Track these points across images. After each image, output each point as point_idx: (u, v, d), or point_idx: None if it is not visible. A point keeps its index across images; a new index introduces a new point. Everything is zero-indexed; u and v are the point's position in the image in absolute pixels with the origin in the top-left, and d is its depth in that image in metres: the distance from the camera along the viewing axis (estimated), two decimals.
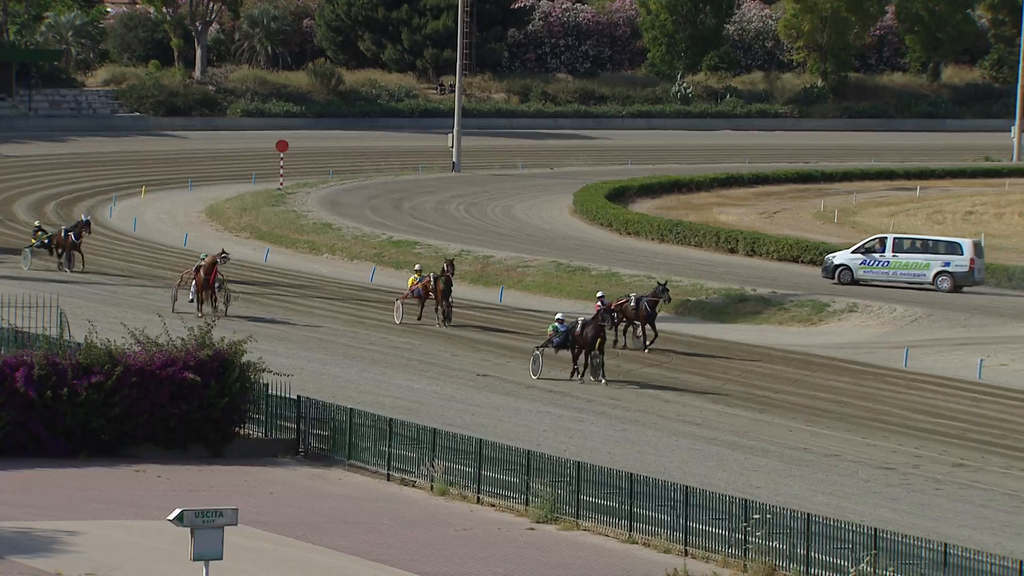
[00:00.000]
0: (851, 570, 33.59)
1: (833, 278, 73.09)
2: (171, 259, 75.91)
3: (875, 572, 33.14)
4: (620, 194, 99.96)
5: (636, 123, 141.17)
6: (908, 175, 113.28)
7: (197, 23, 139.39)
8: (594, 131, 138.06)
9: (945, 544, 32.85)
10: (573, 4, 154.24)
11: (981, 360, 56.87)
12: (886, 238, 73.90)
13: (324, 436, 43.93)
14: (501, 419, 48.06)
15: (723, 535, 35.68)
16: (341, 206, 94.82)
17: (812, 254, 78.67)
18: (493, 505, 39.79)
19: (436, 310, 61.59)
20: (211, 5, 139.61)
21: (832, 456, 45.36)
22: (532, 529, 38.14)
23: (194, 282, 60.66)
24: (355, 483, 42.10)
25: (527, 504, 39.09)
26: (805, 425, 48.94)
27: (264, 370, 44.41)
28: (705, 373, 55.98)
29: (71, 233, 69.27)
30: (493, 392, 52.16)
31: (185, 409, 42.58)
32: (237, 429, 43.96)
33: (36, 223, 74.26)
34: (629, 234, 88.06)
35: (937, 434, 48.22)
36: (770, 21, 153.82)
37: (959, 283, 72.13)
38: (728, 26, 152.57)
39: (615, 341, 57.18)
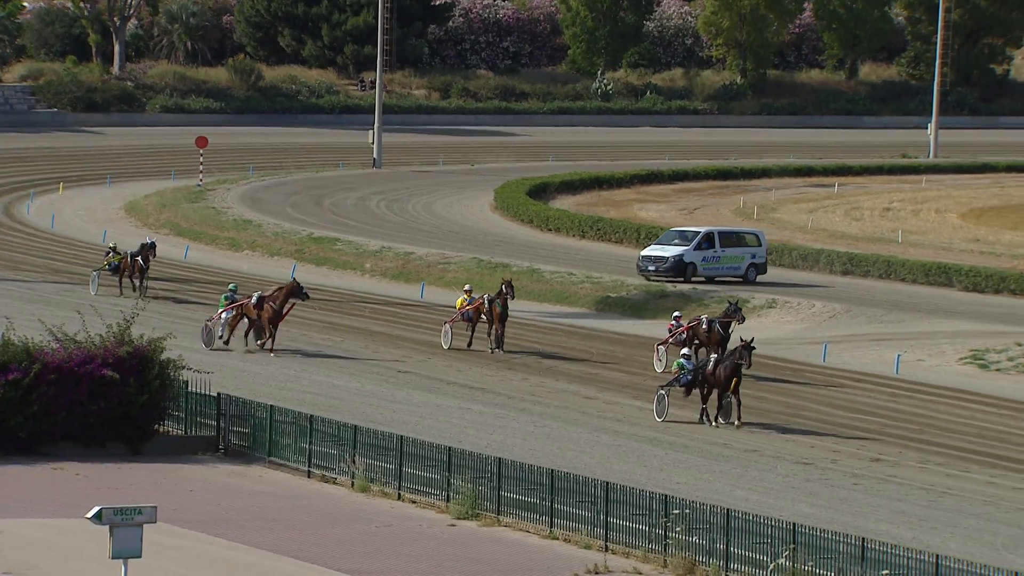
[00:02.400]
0: (770, 564, 33.75)
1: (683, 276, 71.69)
2: (89, 255, 75.47)
3: (794, 567, 33.31)
4: (541, 190, 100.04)
5: (557, 119, 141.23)
6: (826, 172, 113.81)
7: (115, 18, 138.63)
8: (515, 127, 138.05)
9: (863, 539, 33.05)
10: (493, 1, 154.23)
11: (898, 355, 57.22)
12: (713, 233, 73.46)
13: (244, 433, 43.84)
14: (422, 416, 48.05)
15: (644, 531, 35.78)
16: (261, 202, 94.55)
17: None
18: (414, 502, 39.78)
19: (488, 335, 57.01)
20: (129, 0, 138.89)
21: (751, 452, 45.56)
22: (453, 526, 38.14)
23: (241, 314, 55.89)
24: (275, 480, 42.02)
25: (448, 501, 39.11)
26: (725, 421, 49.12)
27: (184, 367, 44.28)
28: (625, 369, 56.10)
29: (137, 258, 65.45)
30: (414, 389, 52.14)
31: (104, 407, 42.39)
32: (156, 426, 43.81)
33: (111, 243, 69.21)
34: (550, 230, 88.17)
35: (855, 429, 48.51)
36: (690, 18, 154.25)
37: (760, 273, 72.36)
38: (648, 23, 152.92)
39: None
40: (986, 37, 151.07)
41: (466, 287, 59.58)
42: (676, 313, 56.74)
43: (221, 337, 55.84)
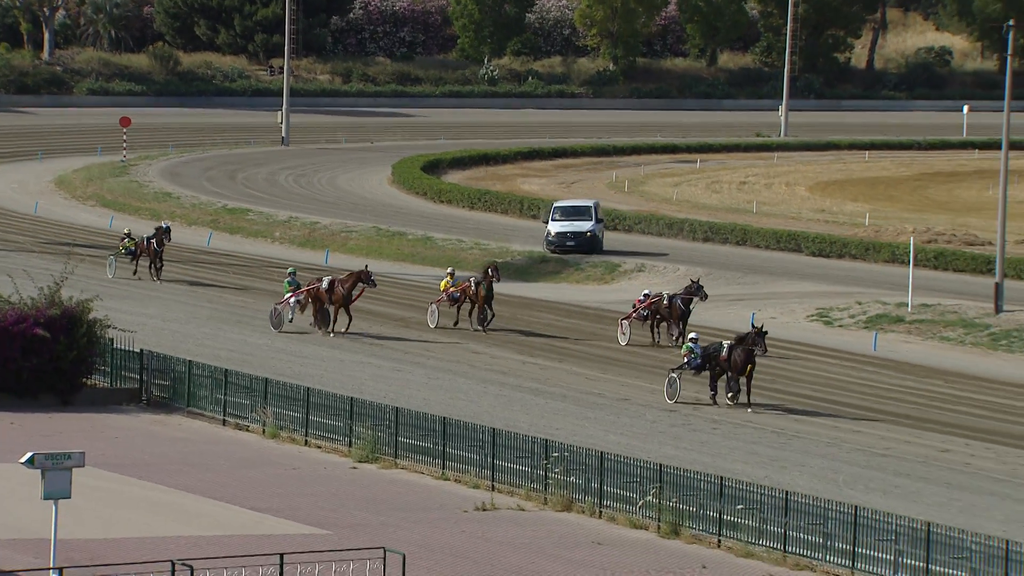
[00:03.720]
0: (639, 501, 33.91)
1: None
2: (23, 225, 74.71)
3: (660, 503, 33.49)
4: (434, 166, 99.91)
5: (448, 102, 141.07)
6: (690, 149, 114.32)
7: (45, 8, 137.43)
8: (410, 109, 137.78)
9: (721, 477, 33.27)
10: None
11: (753, 314, 57.53)
12: (557, 207, 72.19)
13: (165, 386, 43.65)
14: (327, 369, 47.92)
15: (527, 472, 35.88)
16: (180, 177, 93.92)
17: (608, 219, 78.98)
18: (319, 447, 39.71)
19: (470, 313, 54.39)
20: None
21: (623, 400, 45.71)
22: (355, 468, 38.11)
23: (312, 298, 52.83)
24: (193, 428, 41.83)
25: (350, 445, 39.07)
26: (599, 373, 49.26)
27: (109, 326, 44.09)
28: (511, 327, 56.13)
29: (152, 241, 62.02)
30: (319, 345, 51.98)
31: (36, 362, 42.14)
32: (84, 380, 43.59)
33: (126, 230, 65.95)
34: (442, 202, 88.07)
35: (700, 379, 48.67)
36: (567, 11, 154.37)
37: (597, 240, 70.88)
38: (529, 15, 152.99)
39: (653, 339, 52.61)
40: (830, 29, 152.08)
41: (449, 269, 56.74)
42: (645, 291, 54.15)
43: (291, 320, 53.19)
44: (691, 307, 52.25)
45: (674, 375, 44.97)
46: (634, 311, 53.03)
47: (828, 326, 57.08)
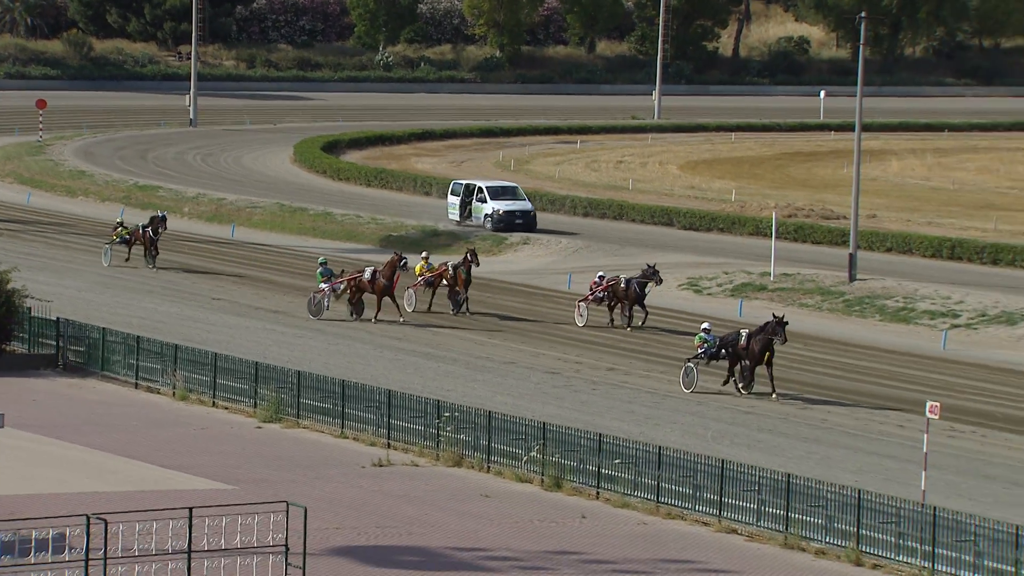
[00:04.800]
0: (524, 457, 34.02)
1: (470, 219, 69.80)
2: None
3: (543, 458, 33.62)
4: (333, 146, 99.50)
5: (346, 86, 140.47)
6: (571, 131, 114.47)
7: None
8: (310, 93, 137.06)
9: (600, 434, 33.45)
10: None
11: (426, 254, 57.25)
12: (482, 187, 70.77)
13: (80, 351, 43.32)
14: (233, 336, 47.69)
15: (420, 430, 35.90)
16: (94, 156, 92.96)
17: None
18: (227, 408, 39.54)
19: (448, 296, 52.42)
20: None
21: (509, 364, 45.80)
22: (260, 428, 37.98)
23: (353, 287, 50.75)
24: (107, 391, 41.51)
25: (255, 407, 38.94)
26: (487, 338, 49.33)
27: (28, 296, 43.64)
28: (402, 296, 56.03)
29: (147, 229, 59.28)
30: (226, 313, 51.72)
31: None
32: (3, 346, 43.12)
33: (119, 219, 62.60)
34: (341, 180, 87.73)
35: (594, 344, 48.94)
36: (456, 1, 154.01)
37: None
38: (421, 5, 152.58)
39: (611, 320, 51.04)
40: (699, 20, 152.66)
41: (423, 253, 54.73)
42: (600, 273, 52.49)
43: (328, 307, 50.88)
44: (646, 290, 50.83)
45: (690, 364, 42.38)
46: (591, 294, 51.32)
47: (698, 294, 57.44)
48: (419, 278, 52.82)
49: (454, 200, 71.48)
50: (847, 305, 55.10)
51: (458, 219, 70.71)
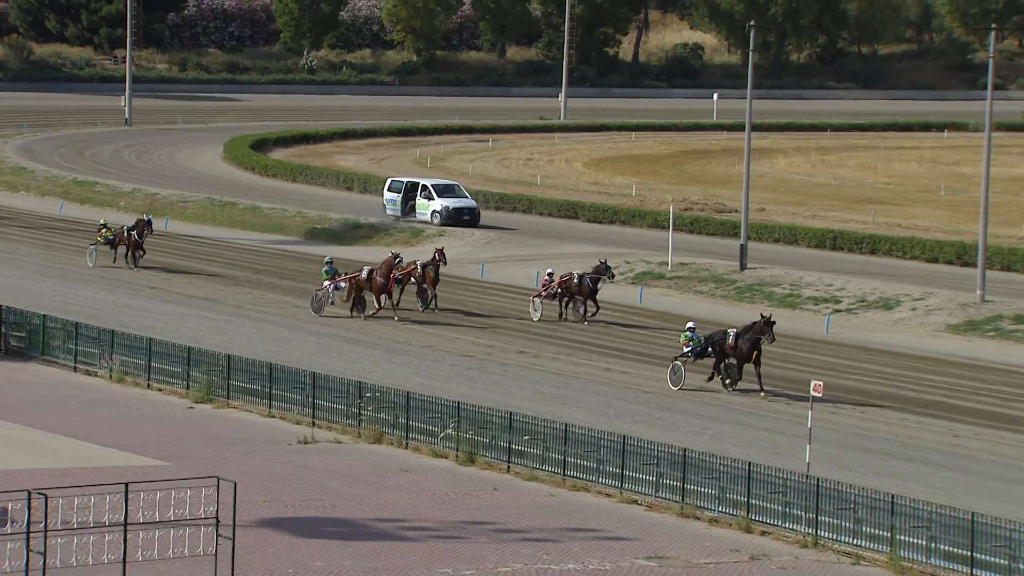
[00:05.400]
0: (440, 434, 34.00)
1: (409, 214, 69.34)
2: None
3: (458, 435, 33.62)
4: (261, 144, 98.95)
5: (272, 88, 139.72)
6: (483, 130, 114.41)
7: None
8: (239, 95, 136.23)
9: (510, 412, 33.48)
10: None
11: (537, 272, 57.85)
12: (427, 185, 70.20)
13: (21, 337, 42.88)
14: (167, 322, 47.35)
15: (343, 409, 35.81)
16: (34, 153, 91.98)
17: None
18: (160, 389, 39.26)
19: (417, 293, 50.52)
20: None
21: (426, 348, 45.75)
22: (192, 408, 37.74)
23: (353, 285, 49.13)
24: (48, 374, 41.11)
25: (188, 388, 38.70)
26: (405, 324, 49.19)
27: None
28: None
29: (132, 232, 57.11)
30: (161, 301, 51.34)
31: None
32: None
33: (101, 220, 60.22)
34: (268, 176, 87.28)
35: (505, 329, 48.96)
36: (375, 9, 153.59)
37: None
38: (343, 13, 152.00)
39: (560, 314, 49.82)
40: (601, 27, 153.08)
41: (392, 251, 51.92)
42: (549, 270, 51.27)
43: (332, 303, 49.55)
44: (599, 285, 49.60)
45: (678, 363, 40.82)
46: (544, 289, 49.98)
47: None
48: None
49: (393, 196, 70.74)
50: (738, 292, 55.45)
51: (399, 215, 69.99)
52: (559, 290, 49.80)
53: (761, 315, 40.84)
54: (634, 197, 79.93)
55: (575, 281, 49.44)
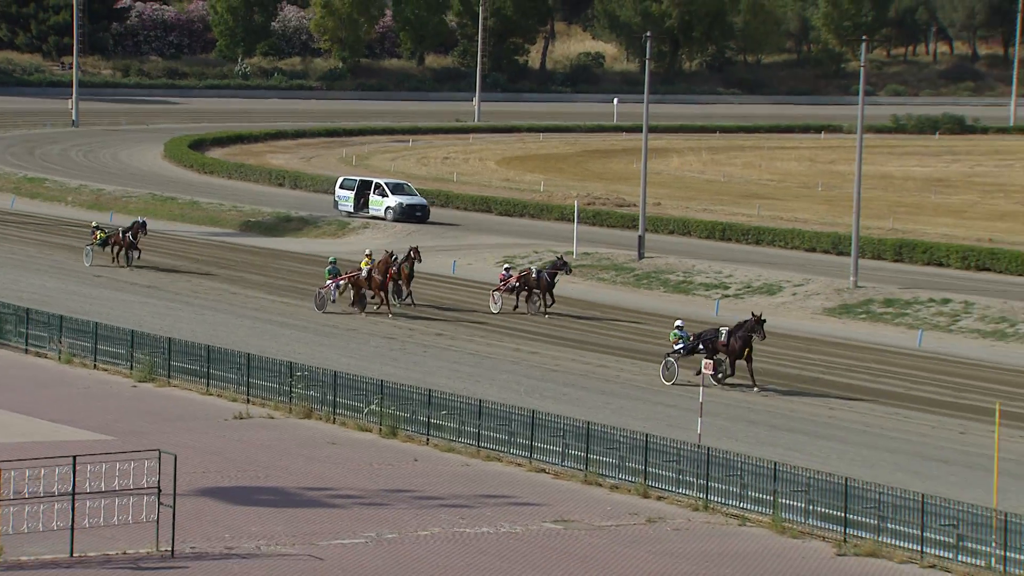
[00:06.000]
0: (365, 409, 33.91)
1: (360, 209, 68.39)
2: None
3: (381, 410, 33.56)
4: (198, 144, 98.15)
5: (209, 93, 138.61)
6: (404, 132, 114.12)
7: None
8: (178, 98, 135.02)
9: (429, 390, 33.44)
10: (160, 5, 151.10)
11: (454, 261, 57.84)
12: (380, 183, 69.60)
13: None
14: (112, 308, 46.88)
15: (275, 387, 35.61)
16: None
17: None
18: (106, 370, 38.88)
19: (393, 290, 48.19)
20: None
21: (352, 331, 45.60)
22: (135, 387, 37.41)
23: (352, 283, 47.66)
24: (0, 356, 40.54)
25: (131, 369, 38.35)
26: (332, 309, 48.98)
27: None
28: (260, 273, 55.57)
29: (127, 233, 54.92)
30: (106, 288, 50.82)
31: None
32: None
33: (94, 223, 57.38)
34: (206, 173, 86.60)
35: (424, 313, 48.81)
36: (304, 20, 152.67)
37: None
38: (274, 23, 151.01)
39: (515, 306, 48.66)
40: (511, 37, 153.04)
41: (367, 251, 50.30)
42: (506, 266, 50.42)
43: (334, 301, 47.81)
44: (555, 279, 48.44)
45: (670, 359, 39.22)
46: (504, 283, 48.70)
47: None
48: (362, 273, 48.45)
49: (345, 194, 69.62)
50: (637, 279, 55.71)
51: (351, 211, 68.85)
52: (517, 284, 48.49)
53: (752, 314, 39.62)
54: (542, 193, 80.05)
55: (533, 276, 48.41)
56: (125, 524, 25.18)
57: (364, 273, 47.65)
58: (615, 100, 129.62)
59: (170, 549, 24.66)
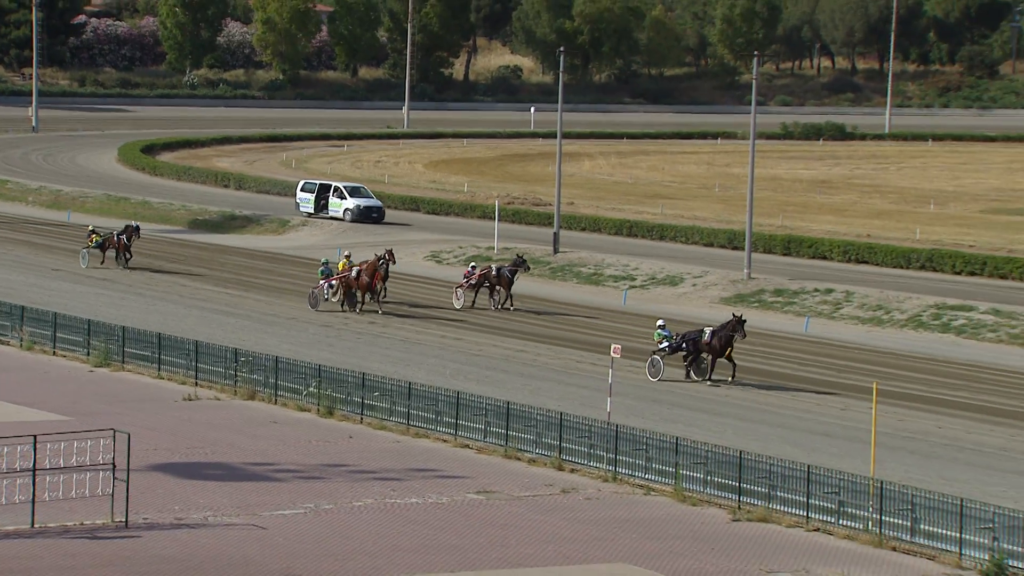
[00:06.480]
0: (304, 391, 33.77)
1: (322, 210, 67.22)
2: None
3: (319, 392, 33.43)
4: (150, 149, 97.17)
5: (160, 102, 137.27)
6: (339, 137, 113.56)
7: None
8: (131, 107, 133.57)
9: (364, 373, 33.36)
10: (113, 21, 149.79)
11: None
12: (339, 187, 68.53)
13: None
14: (70, 299, 46.34)
15: (221, 371, 35.38)
16: None
17: (280, 187, 78.30)
18: (64, 356, 38.44)
19: (370, 292, 46.27)
20: None
21: (291, 319, 45.36)
22: (92, 371, 37.02)
23: (343, 284, 46.31)
24: None
25: (88, 355, 37.94)
26: (275, 299, 48.76)
27: None
28: (207, 267, 55.14)
29: (122, 236, 53.21)
30: (64, 281, 50.22)
31: None
32: None
33: (90, 227, 55.67)
34: (157, 175, 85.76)
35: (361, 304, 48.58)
36: (247, 35, 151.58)
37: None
38: (220, 38, 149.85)
39: (472, 302, 47.53)
40: (437, 51, 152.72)
41: (346, 253, 49.10)
42: (472, 264, 49.39)
43: (327, 299, 46.46)
44: (515, 277, 47.51)
45: (656, 357, 38.11)
46: (466, 280, 47.65)
47: (439, 263, 57.57)
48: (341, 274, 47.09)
49: (306, 196, 68.57)
50: (552, 271, 55.88)
51: (311, 212, 67.94)
52: (476, 280, 47.40)
53: (733, 315, 38.53)
54: (466, 193, 80.00)
55: (494, 273, 47.42)
56: (83, 497, 24.94)
57: (354, 274, 46.19)
58: (532, 109, 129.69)
59: (124, 520, 24.45)
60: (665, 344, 38.32)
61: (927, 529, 24.51)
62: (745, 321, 38.29)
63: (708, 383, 37.63)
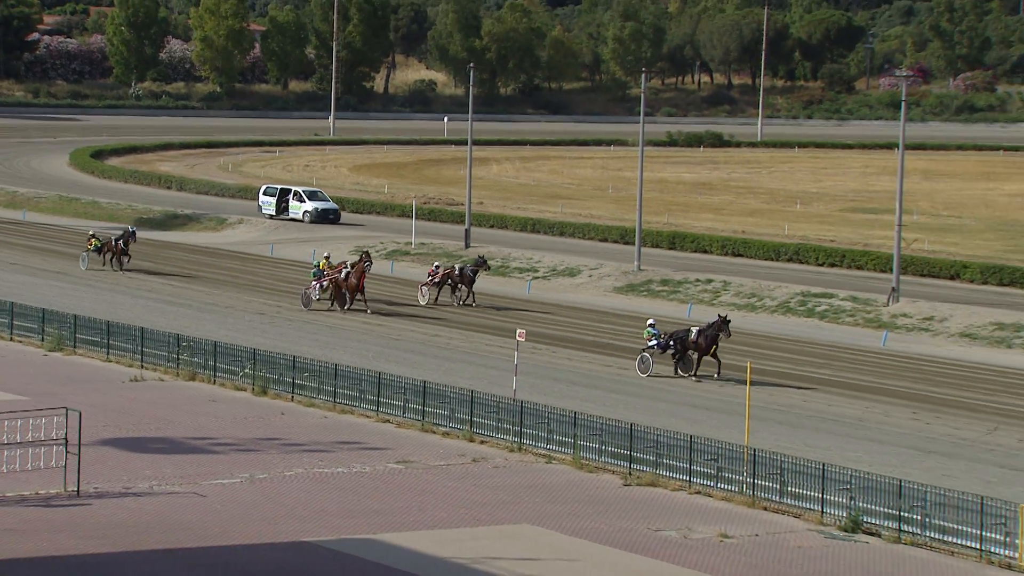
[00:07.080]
0: (240, 372, 33.44)
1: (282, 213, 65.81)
2: None
3: (254, 373, 33.13)
4: (99, 154, 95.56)
5: (108, 112, 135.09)
6: (272, 144, 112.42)
7: None
8: (82, 116, 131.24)
9: (294, 356, 33.06)
10: (65, 38, 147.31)
11: (314, 250, 57.18)
12: (298, 191, 67.09)
13: None
14: (25, 290, 45.48)
15: (165, 355, 34.95)
16: None
17: (218, 189, 77.47)
18: (21, 341, 37.73)
19: (359, 292, 44.47)
20: None
21: (228, 308, 44.87)
22: (46, 355, 36.37)
23: (333, 284, 44.40)
24: None
25: (43, 340, 37.28)
26: (213, 289, 48.20)
27: None
28: (152, 261, 54.35)
29: (120, 241, 51.02)
30: (19, 274, 49.27)
31: None
32: None
33: (90, 232, 53.82)
34: (106, 178, 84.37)
35: (288, 293, 48.20)
36: (187, 51, 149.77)
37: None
38: (162, 54, 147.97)
39: (435, 298, 46.06)
40: (360, 67, 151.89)
41: (325, 253, 47.29)
42: (436, 263, 47.78)
43: (318, 299, 44.57)
44: (477, 276, 46.23)
45: (645, 354, 36.58)
46: (431, 279, 46.21)
47: (440, 268, 56.82)
48: (328, 276, 45.00)
49: (268, 199, 67.29)
50: (464, 264, 55.78)
51: (273, 214, 66.78)
52: (440, 278, 45.95)
53: (719, 315, 36.95)
54: (386, 194, 79.65)
55: (457, 272, 46.12)
56: (37, 469, 24.51)
57: (343, 276, 44.46)
58: (445, 119, 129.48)
59: (76, 490, 24.08)
60: (654, 342, 36.58)
61: (794, 491, 24.87)
62: (730, 321, 36.74)
63: (694, 379, 36.14)
